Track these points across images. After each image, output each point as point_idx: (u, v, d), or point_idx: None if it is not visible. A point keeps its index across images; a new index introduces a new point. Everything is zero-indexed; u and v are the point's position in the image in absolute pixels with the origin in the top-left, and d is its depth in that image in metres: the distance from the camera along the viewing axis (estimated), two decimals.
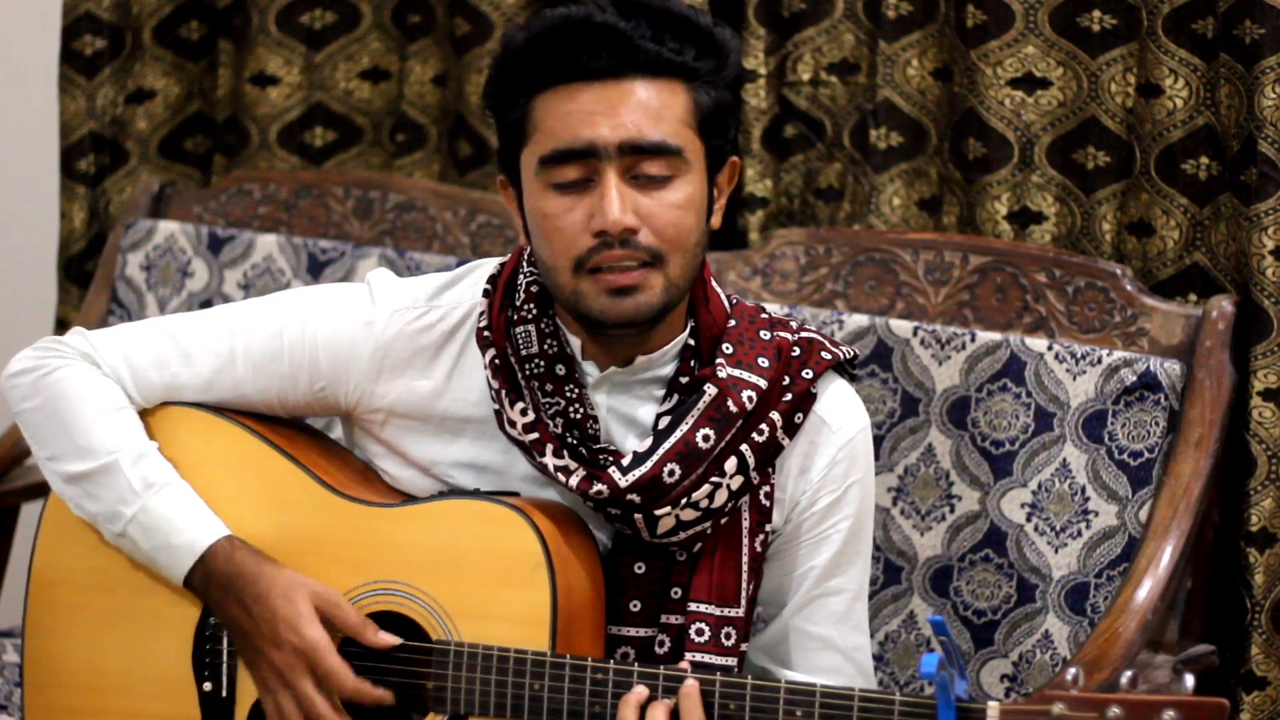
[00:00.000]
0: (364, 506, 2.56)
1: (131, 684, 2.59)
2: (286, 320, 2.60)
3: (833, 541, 2.59)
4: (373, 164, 3.71)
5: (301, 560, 2.55)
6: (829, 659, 2.59)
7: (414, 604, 2.51)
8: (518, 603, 2.47)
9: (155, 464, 2.57)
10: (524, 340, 2.54)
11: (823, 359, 2.57)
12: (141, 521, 2.55)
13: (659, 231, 2.44)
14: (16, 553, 3.46)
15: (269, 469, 2.59)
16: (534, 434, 2.53)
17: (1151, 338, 2.99)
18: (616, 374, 2.54)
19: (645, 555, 2.55)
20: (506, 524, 2.49)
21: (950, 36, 3.22)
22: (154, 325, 2.65)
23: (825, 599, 2.59)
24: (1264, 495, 2.98)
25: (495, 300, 2.55)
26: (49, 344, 2.63)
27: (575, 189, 2.45)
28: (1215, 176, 3.03)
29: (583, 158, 2.43)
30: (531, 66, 2.45)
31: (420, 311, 2.60)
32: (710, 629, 2.53)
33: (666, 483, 2.50)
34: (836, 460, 2.57)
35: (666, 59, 2.44)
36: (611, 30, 2.42)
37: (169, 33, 3.76)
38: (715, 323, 2.55)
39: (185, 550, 2.53)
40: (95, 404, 2.58)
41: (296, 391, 2.61)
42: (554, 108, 2.44)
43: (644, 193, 2.44)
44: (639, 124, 2.43)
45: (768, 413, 2.54)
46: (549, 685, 2.44)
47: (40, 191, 3.96)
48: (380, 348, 2.59)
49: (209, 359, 2.61)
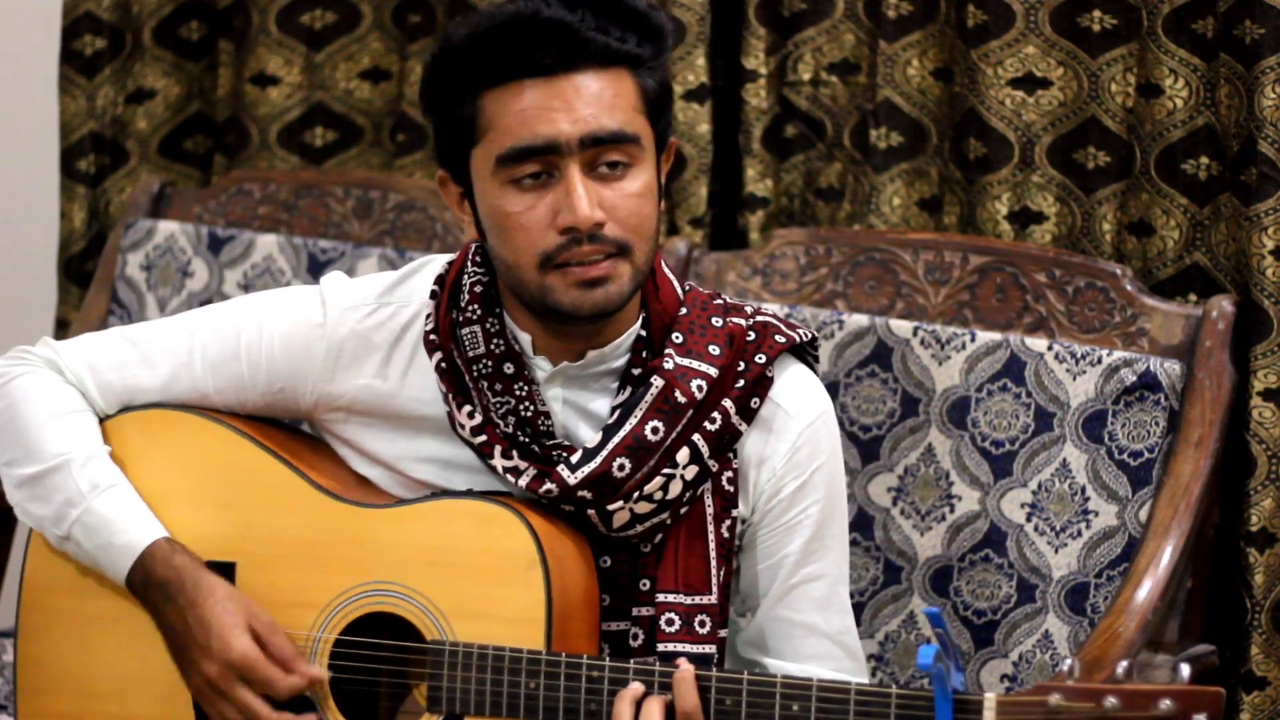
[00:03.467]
0: (357, 508, 2.56)
1: (125, 688, 2.59)
2: (243, 322, 2.62)
3: (804, 528, 2.58)
4: (373, 164, 3.71)
5: (295, 563, 2.55)
6: (817, 645, 2.59)
7: (409, 604, 2.51)
8: (513, 602, 2.47)
9: (103, 466, 2.58)
10: (470, 341, 2.54)
11: (777, 342, 2.56)
12: (85, 522, 2.55)
13: (623, 222, 2.45)
14: (16, 553, 3.46)
15: (260, 471, 2.59)
16: (482, 436, 2.53)
17: (1151, 338, 2.99)
18: (570, 368, 2.54)
19: (609, 550, 2.56)
20: (500, 523, 2.49)
21: (951, 36, 3.22)
22: (117, 332, 2.67)
23: (805, 585, 2.59)
24: (1264, 495, 2.98)
25: (441, 302, 2.56)
26: (17, 353, 2.66)
27: (535, 185, 2.45)
28: (1215, 176, 3.03)
29: (543, 154, 2.44)
30: (478, 64, 2.45)
31: (370, 309, 2.61)
32: (681, 618, 2.53)
33: (616, 477, 2.50)
34: (798, 446, 2.57)
35: (614, 49, 2.45)
36: (559, 25, 2.42)
37: (169, 33, 3.76)
38: (666, 311, 2.55)
39: (125, 550, 2.54)
40: (50, 408, 2.60)
41: (255, 392, 2.62)
42: (506, 105, 2.44)
43: (605, 184, 2.45)
44: (596, 116, 2.43)
45: (720, 400, 2.53)
46: (545, 684, 2.44)
47: (40, 191, 3.96)
48: (333, 346, 2.60)
49: (167, 360, 2.62)
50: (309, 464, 2.60)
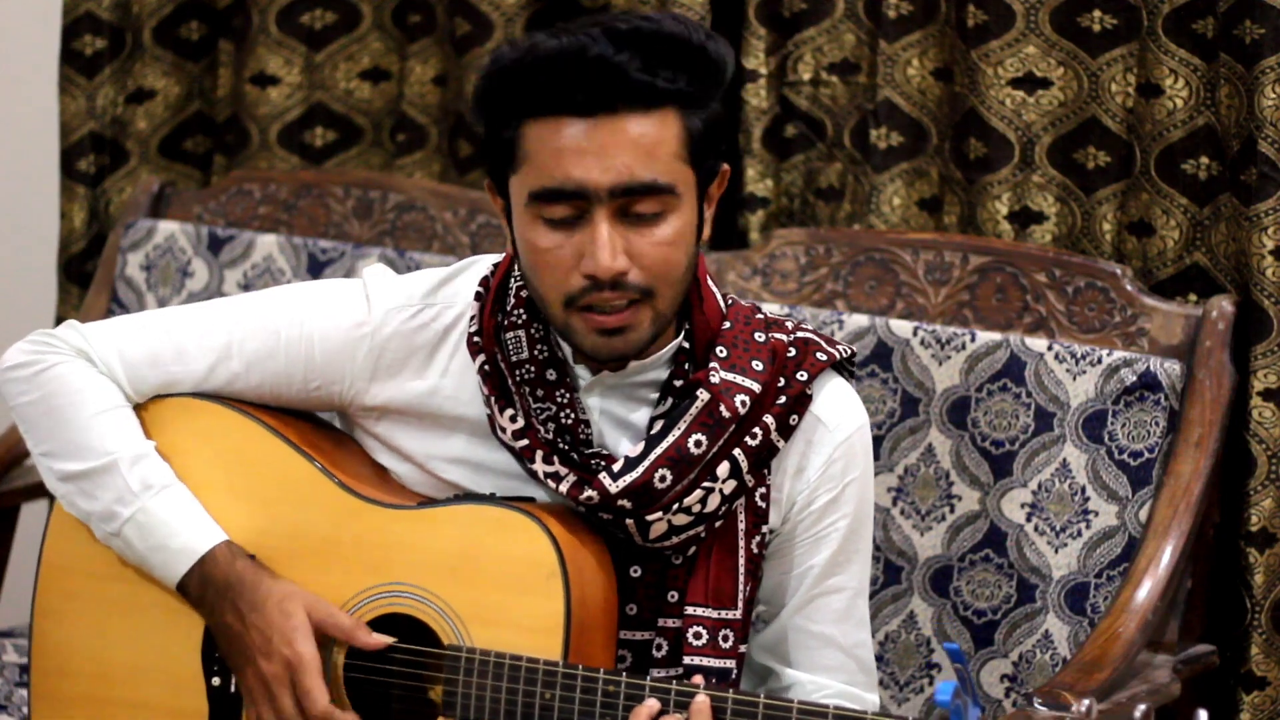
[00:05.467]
0: (379, 508, 2.55)
1: (140, 674, 2.59)
2: (283, 318, 2.60)
3: (831, 540, 2.58)
4: (373, 164, 3.71)
5: (314, 559, 2.55)
6: (831, 657, 2.59)
7: (426, 607, 2.50)
8: (531, 611, 2.46)
9: (154, 466, 2.57)
10: (514, 346, 2.53)
11: (818, 360, 2.56)
12: (139, 522, 2.54)
13: (648, 269, 2.43)
14: (16, 553, 3.46)
15: (284, 466, 2.58)
16: (524, 440, 2.53)
17: (1151, 338, 2.99)
18: (609, 378, 2.53)
19: (641, 559, 2.55)
20: (522, 531, 2.48)
21: (951, 36, 3.22)
22: (149, 319, 2.64)
23: (826, 597, 2.59)
24: (1264, 495, 2.98)
25: (486, 305, 2.55)
26: (43, 338, 2.62)
27: (565, 225, 2.43)
28: (1215, 176, 3.03)
29: (573, 198, 2.41)
30: (521, 92, 2.42)
31: (416, 309, 2.59)
32: (708, 632, 2.53)
33: (658, 488, 2.50)
34: (833, 459, 2.57)
35: (660, 89, 2.40)
36: (603, 63, 2.37)
37: (169, 33, 3.75)
38: (709, 325, 2.54)
39: (183, 553, 2.53)
40: (94, 403, 2.58)
41: (291, 389, 2.61)
42: (544, 141, 2.41)
43: (634, 230, 2.42)
44: (630, 166, 2.39)
45: (761, 416, 2.53)
46: (560, 695, 2.43)
47: (40, 191, 3.96)
48: (376, 347, 2.59)
49: (204, 355, 2.60)
50: (334, 460, 2.60)
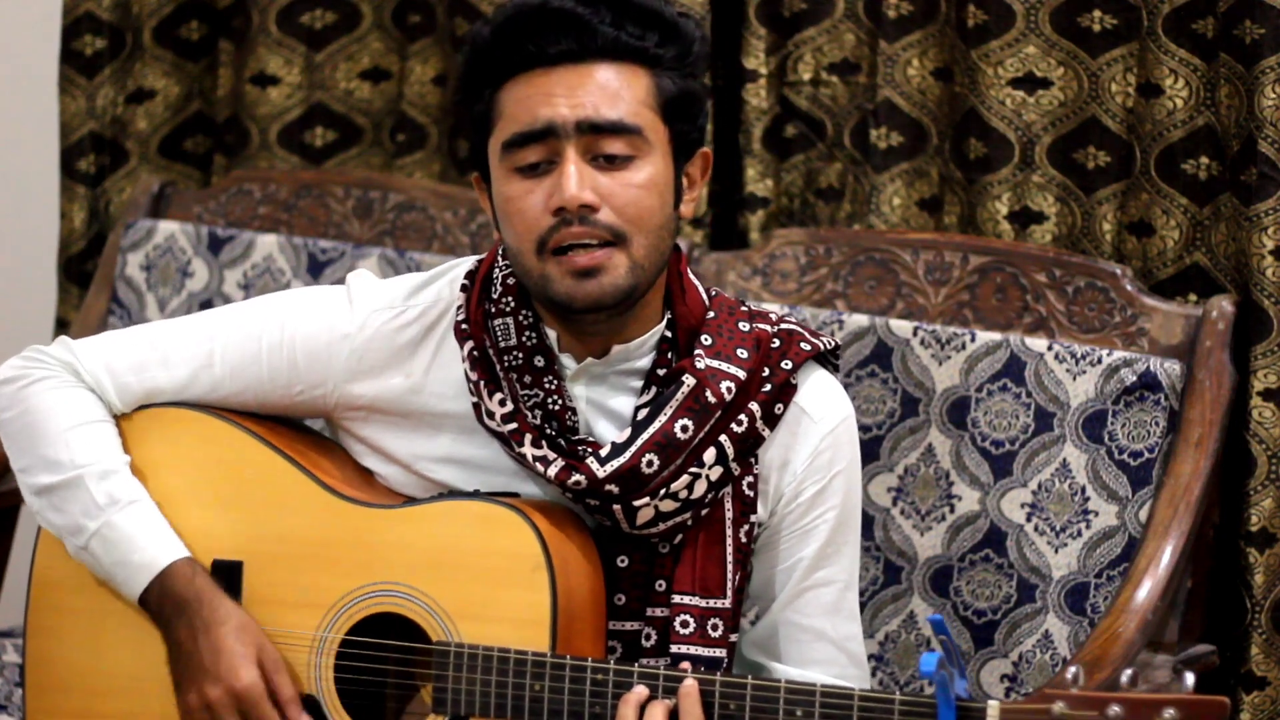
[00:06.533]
0: (363, 508, 2.56)
1: (133, 688, 2.59)
2: (265, 324, 2.61)
3: (819, 533, 2.59)
4: (373, 164, 3.71)
5: (302, 562, 2.55)
6: (822, 650, 2.60)
7: (414, 605, 2.51)
8: (518, 604, 2.47)
9: (122, 480, 2.58)
10: (502, 332, 2.54)
11: (802, 350, 2.57)
12: (104, 536, 2.55)
13: (619, 210, 2.46)
14: (16, 552, 3.46)
15: (269, 471, 2.59)
16: (512, 424, 2.53)
17: (1151, 338, 2.99)
18: (593, 365, 2.54)
19: (628, 548, 2.56)
20: (506, 525, 2.49)
21: (951, 36, 3.22)
22: (136, 331, 2.66)
23: (815, 590, 2.60)
24: (1264, 495, 2.98)
25: (473, 294, 2.57)
26: (33, 354, 2.64)
27: (537, 172, 2.47)
28: (1215, 176, 3.03)
29: (542, 138, 2.45)
30: (493, 58, 2.48)
31: (397, 311, 2.61)
32: (695, 621, 2.53)
33: (645, 473, 2.51)
34: (820, 451, 2.58)
35: (626, 43, 2.46)
36: (570, 15, 2.44)
37: (169, 33, 3.75)
38: (692, 314, 2.56)
39: (144, 568, 2.54)
40: (69, 417, 2.59)
41: (274, 394, 2.62)
42: (516, 94, 2.47)
43: (605, 173, 2.46)
44: (596, 103, 2.45)
45: (746, 403, 2.54)
46: (549, 686, 2.44)
47: (40, 191, 3.96)
48: (358, 349, 2.60)
49: (187, 362, 2.62)
50: (317, 464, 2.60)
